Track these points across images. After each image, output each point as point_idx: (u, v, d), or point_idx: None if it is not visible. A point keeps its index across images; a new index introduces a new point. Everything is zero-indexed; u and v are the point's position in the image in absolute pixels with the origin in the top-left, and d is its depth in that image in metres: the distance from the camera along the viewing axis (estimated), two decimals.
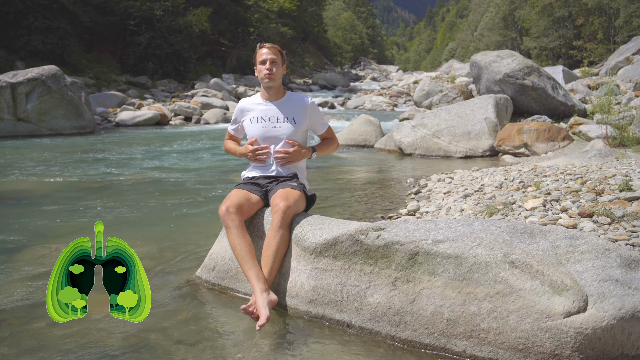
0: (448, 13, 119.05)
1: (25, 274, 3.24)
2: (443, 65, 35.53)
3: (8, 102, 11.33)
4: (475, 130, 8.65)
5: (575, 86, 12.12)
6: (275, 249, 2.65)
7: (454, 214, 4.26)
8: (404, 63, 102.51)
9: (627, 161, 5.38)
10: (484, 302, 2.13)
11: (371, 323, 2.38)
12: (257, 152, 3.02)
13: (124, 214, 4.77)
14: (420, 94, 15.55)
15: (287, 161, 3.01)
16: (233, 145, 3.26)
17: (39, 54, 18.30)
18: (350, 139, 10.10)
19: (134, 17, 22.92)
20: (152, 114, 14.68)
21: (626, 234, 3.12)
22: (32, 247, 3.80)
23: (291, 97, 3.13)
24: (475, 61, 11.12)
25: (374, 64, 59.94)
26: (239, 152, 3.15)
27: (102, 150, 9.47)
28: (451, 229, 2.36)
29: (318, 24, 50.85)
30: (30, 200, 5.36)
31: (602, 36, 27.91)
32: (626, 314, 1.95)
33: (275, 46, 3.07)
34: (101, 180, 6.57)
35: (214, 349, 2.31)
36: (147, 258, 3.55)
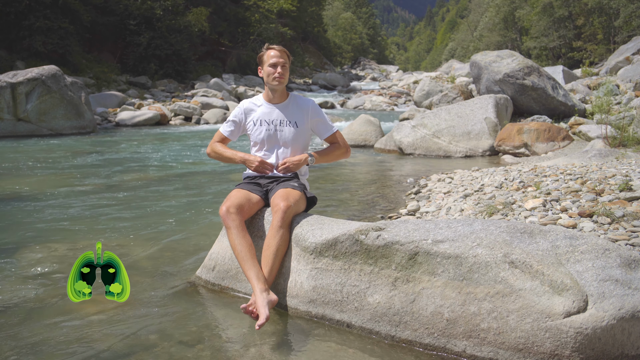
0: (448, 13, 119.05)
1: (25, 274, 3.24)
2: (443, 65, 35.51)
3: (8, 102, 11.33)
4: (475, 130, 8.65)
5: (575, 86, 12.12)
6: (276, 248, 2.65)
7: (454, 214, 4.26)
8: (404, 63, 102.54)
9: (627, 161, 5.38)
10: (484, 302, 2.13)
11: (371, 323, 2.38)
12: (265, 166, 2.98)
13: (124, 214, 4.77)
14: (420, 94, 15.55)
15: (289, 171, 3.00)
16: (225, 148, 3.09)
17: (40, 54, 18.31)
18: (350, 139, 10.10)
19: (134, 17, 22.93)
20: (152, 114, 14.68)
21: (626, 234, 3.12)
22: (32, 247, 3.80)
23: (294, 99, 3.10)
24: (475, 61, 11.12)
25: (374, 64, 59.94)
26: (239, 157, 3.02)
27: (102, 150, 9.47)
28: (451, 229, 2.36)
29: (318, 24, 50.85)
30: (30, 200, 5.36)
31: (602, 36, 27.91)
32: (626, 314, 1.95)
33: (284, 49, 3.02)
34: (101, 180, 6.57)
35: (214, 349, 2.31)
36: (147, 258, 3.55)
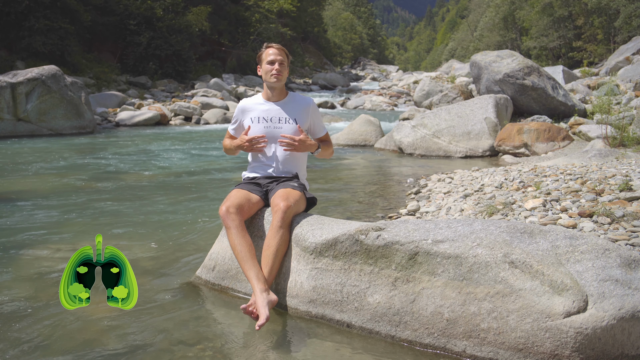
0: (448, 13, 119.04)
1: (25, 274, 3.24)
2: (443, 65, 35.52)
3: (8, 102, 11.33)
4: (475, 130, 8.65)
5: (575, 86, 12.13)
6: (276, 248, 2.65)
7: (454, 214, 4.26)
8: (404, 63, 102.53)
9: (627, 161, 5.38)
10: (484, 302, 2.13)
11: (371, 323, 2.38)
12: (253, 142, 2.95)
13: (124, 214, 4.77)
14: (420, 94, 15.55)
15: (292, 148, 2.94)
16: (229, 141, 3.17)
17: (40, 54, 18.30)
18: (350, 139, 10.10)
19: (134, 17, 22.92)
20: (152, 114, 14.67)
21: (626, 234, 3.12)
22: (32, 247, 3.80)
23: (293, 97, 3.12)
24: (475, 61, 11.13)
25: (374, 64, 59.93)
26: (235, 145, 3.05)
27: (102, 150, 9.47)
28: (451, 229, 2.36)
29: (318, 24, 50.86)
30: (30, 200, 5.35)
31: (602, 36, 27.91)
32: (626, 314, 1.95)
33: (282, 47, 3.05)
34: (101, 180, 6.57)
35: (214, 349, 2.31)
36: (147, 258, 3.55)
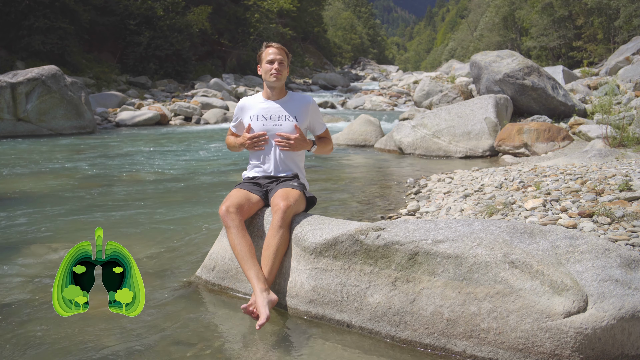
0: (448, 13, 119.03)
1: (25, 274, 3.24)
2: (443, 65, 35.51)
3: (8, 102, 11.33)
4: (475, 130, 8.65)
5: (575, 86, 12.12)
6: (275, 248, 2.65)
7: (454, 214, 4.26)
8: (404, 63, 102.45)
9: (627, 161, 5.38)
10: (484, 302, 2.13)
11: (371, 323, 2.38)
12: (254, 140, 2.98)
13: (124, 214, 4.77)
14: (420, 94, 15.56)
15: (288, 148, 2.97)
16: (233, 139, 3.21)
17: (39, 54, 18.31)
18: (350, 139, 10.10)
19: (134, 17, 22.92)
20: (152, 114, 14.68)
21: (626, 234, 3.12)
22: (32, 246, 3.80)
23: (293, 96, 3.14)
24: (475, 61, 11.13)
25: (374, 64, 59.94)
26: (239, 143, 3.10)
27: (101, 151, 9.47)
28: (451, 229, 2.36)
29: (318, 24, 50.86)
30: (30, 200, 5.36)
31: (602, 36, 27.91)
32: (626, 314, 1.95)
33: (282, 47, 3.07)
34: (101, 180, 6.57)
35: (214, 349, 2.31)
36: (147, 258, 3.55)
